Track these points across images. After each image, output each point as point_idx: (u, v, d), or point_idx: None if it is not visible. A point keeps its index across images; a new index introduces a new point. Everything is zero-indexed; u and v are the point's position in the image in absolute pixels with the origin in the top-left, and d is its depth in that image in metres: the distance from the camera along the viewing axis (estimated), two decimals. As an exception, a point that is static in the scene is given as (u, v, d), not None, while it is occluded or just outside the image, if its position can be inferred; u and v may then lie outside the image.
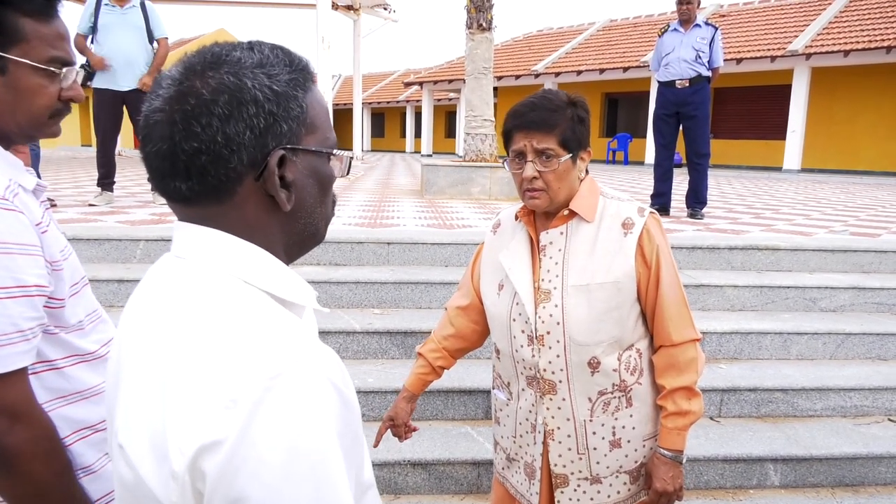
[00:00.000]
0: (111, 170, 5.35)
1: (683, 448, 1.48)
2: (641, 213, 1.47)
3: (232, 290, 0.64)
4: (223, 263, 0.66)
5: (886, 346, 3.47)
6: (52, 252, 1.03)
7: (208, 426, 0.55)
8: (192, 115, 0.62)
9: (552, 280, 1.47)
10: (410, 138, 30.40)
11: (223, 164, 0.64)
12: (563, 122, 1.41)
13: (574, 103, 1.45)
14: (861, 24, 15.21)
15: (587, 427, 1.49)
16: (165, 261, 0.71)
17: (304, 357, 0.59)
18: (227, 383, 0.56)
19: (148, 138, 0.65)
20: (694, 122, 5.55)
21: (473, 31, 7.27)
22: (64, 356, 1.09)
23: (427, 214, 5.39)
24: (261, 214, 0.68)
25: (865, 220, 5.98)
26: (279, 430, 0.56)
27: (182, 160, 0.63)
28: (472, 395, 2.93)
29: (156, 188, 0.68)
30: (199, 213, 0.67)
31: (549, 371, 1.48)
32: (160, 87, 0.66)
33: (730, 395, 3.05)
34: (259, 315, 0.63)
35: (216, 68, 0.64)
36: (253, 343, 0.59)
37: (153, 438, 0.59)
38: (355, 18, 15.39)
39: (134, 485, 0.61)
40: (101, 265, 3.62)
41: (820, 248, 4.20)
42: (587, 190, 1.49)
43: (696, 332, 1.49)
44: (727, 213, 6.35)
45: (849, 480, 2.78)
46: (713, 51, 5.46)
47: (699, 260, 4.09)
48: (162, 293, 0.66)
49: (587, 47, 20.81)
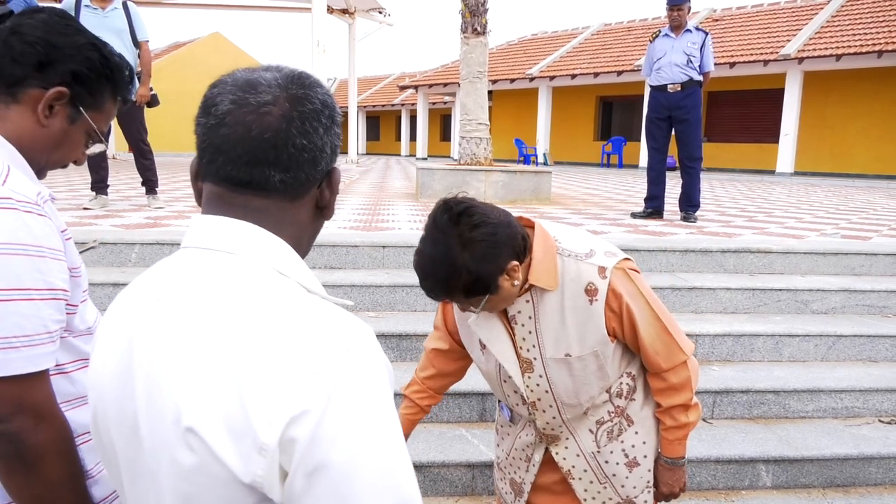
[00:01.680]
0: (104, 173, 5.33)
1: (684, 454, 1.54)
2: (602, 273, 1.37)
3: (278, 280, 0.70)
4: (263, 257, 0.71)
5: (877, 347, 3.50)
6: (72, 259, 1.07)
7: (296, 397, 0.60)
8: (308, 117, 0.73)
9: (530, 350, 1.44)
10: (406, 142, 30.43)
11: (315, 165, 0.75)
12: (457, 283, 1.27)
13: (466, 247, 1.25)
14: (853, 28, 15.32)
15: (598, 458, 1.53)
16: (192, 253, 0.73)
17: (362, 332, 0.68)
18: (307, 358, 0.62)
19: (248, 126, 0.70)
20: (686, 126, 5.59)
21: (468, 36, 7.30)
22: (72, 360, 1.12)
23: (422, 218, 5.40)
24: (310, 215, 0.79)
25: (857, 223, 6.02)
26: (357, 398, 0.62)
27: (290, 152, 0.72)
28: (466, 398, 2.94)
29: (234, 174, 0.72)
30: (264, 204, 0.73)
31: (549, 427, 1.53)
32: (260, 85, 0.72)
33: (722, 397, 3.07)
34: (310, 300, 0.70)
35: (318, 87, 0.76)
36: (321, 322, 0.66)
37: (229, 418, 0.61)
38: (350, 22, 15.42)
39: (202, 466, 0.63)
40: (95, 269, 3.62)
41: (811, 251, 4.24)
42: (542, 252, 1.37)
43: (685, 352, 1.45)
44: (720, 216, 6.39)
45: (840, 481, 2.81)
46: (704, 55, 5.52)
47: (692, 263, 4.12)
48: (212, 284, 0.69)
49: (582, 51, 20.88)
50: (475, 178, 6.89)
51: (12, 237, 0.93)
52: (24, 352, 0.94)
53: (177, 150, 20.54)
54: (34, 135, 1.10)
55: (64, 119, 1.12)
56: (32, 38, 1.07)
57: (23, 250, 0.94)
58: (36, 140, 1.10)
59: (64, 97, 1.10)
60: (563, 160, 21.35)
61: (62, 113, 1.11)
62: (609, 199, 8.07)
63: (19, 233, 0.94)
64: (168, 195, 6.62)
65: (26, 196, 0.98)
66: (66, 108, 1.11)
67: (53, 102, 1.09)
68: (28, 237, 0.95)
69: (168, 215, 4.99)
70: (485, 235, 1.27)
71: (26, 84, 1.07)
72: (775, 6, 18.62)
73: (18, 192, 0.97)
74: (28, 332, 0.94)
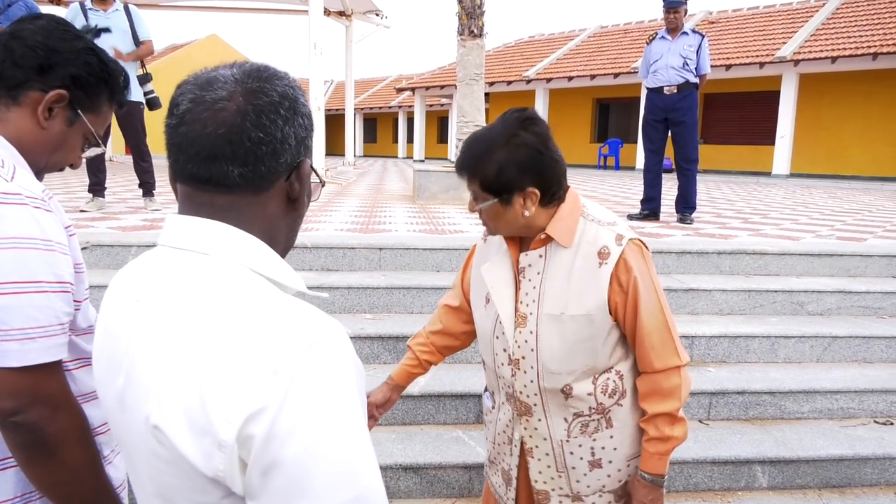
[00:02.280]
0: (102, 176, 5.34)
1: (664, 472, 1.46)
2: (619, 240, 1.39)
3: (247, 278, 0.72)
4: (235, 255, 0.73)
5: (872, 348, 3.52)
6: (76, 254, 1.11)
7: (254, 395, 0.61)
8: (263, 110, 0.73)
9: (529, 305, 1.44)
10: (403, 144, 30.44)
11: (276, 158, 0.75)
12: (485, 168, 1.34)
13: (512, 143, 1.33)
14: (848, 30, 15.39)
15: (564, 447, 1.49)
16: (167, 253, 0.76)
17: (327, 329, 0.68)
18: (267, 355, 0.63)
19: (204, 123, 0.72)
20: (682, 128, 5.62)
21: (465, 38, 7.32)
22: (73, 359, 1.15)
23: (419, 220, 5.41)
24: (279, 209, 0.79)
25: (852, 225, 6.05)
26: (315, 394, 0.63)
27: (246, 146, 0.72)
28: (463, 400, 2.95)
29: (195, 171, 0.74)
30: (229, 201, 0.75)
31: (525, 394, 1.49)
32: (217, 82, 0.73)
33: (718, 398, 3.08)
34: (278, 297, 0.71)
35: (277, 79, 0.76)
36: (284, 319, 0.67)
37: (190, 416, 0.63)
38: (347, 24, 15.43)
39: (172, 460, 0.66)
40: (92, 271, 3.62)
41: (807, 253, 4.25)
42: (567, 211, 1.42)
43: (680, 359, 1.43)
44: (716, 217, 6.41)
45: (835, 482, 2.82)
46: (700, 58, 5.55)
47: (688, 264, 4.13)
48: (182, 285, 0.71)
49: (578, 53, 20.93)
50: (472, 180, 6.89)
51: (25, 232, 0.97)
52: (39, 342, 0.97)
53: (173, 152, 20.55)
54: (34, 137, 1.13)
55: (63, 122, 1.15)
56: (33, 43, 1.10)
57: (34, 244, 0.98)
58: (36, 142, 1.13)
59: (63, 100, 1.13)
60: (560, 162, 21.34)
61: (61, 115, 1.14)
62: (606, 202, 8.08)
63: (31, 228, 0.98)
64: (165, 197, 6.61)
65: (34, 192, 1.02)
66: (64, 111, 1.15)
67: (53, 105, 1.12)
68: (39, 232, 0.99)
69: (164, 217, 4.99)
70: (531, 148, 1.34)
71: (27, 87, 1.10)
72: (771, 9, 18.70)
73: (27, 189, 1.01)
74: (42, 323, 0.98)
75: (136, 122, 5.26)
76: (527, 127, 1.36)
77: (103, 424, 1.24)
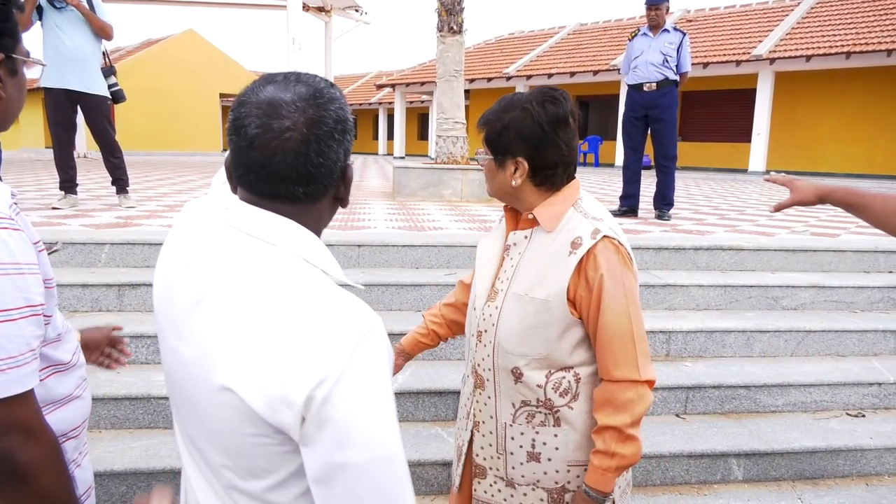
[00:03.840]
0: (72, 172, 5.22)
1: (609, 491, 1.39)
2: (594, 234, 1.37)
3: (307, 269, 0.86)
4: (296, 247, 0.87)
5: (844, 342, 3.58)
6: (45, 270, 1.06)
7: (320, 368, 0.77)
8: (324, 138, 0.85)
9: (504, 281, 1.48)
10: (383, 140, 30.32)
11: (331, 175, 0.89)
12: (495, 124, 1.44)
13: (524, 110, 1.40)
14: (822, 30, 15.63)
15: (507, 430, 1.49)
16: (236, 235, 0.87)
17: (376, 321, 0.83)
18: (332, 338, 0.79)
19: (273, 150, 0.83)
20: (661, 125, 5.65)
21: (444, 35, 7.30)
22: (43, 367, 1.12)
23: (398, 216, 5.39)
24: (328, 207, 0.93)
25: (826, 221, 6.15)
26: (365, 373, 0.79)
27: (310, 171, 0.85)
28: (442, 396, 2.94)
29: (264, 188, 0.86)
30: (291, 210, 0.88)
31: (482, 367, 1.51)
32: (281, 109, 0.83)
33: (695, 393, 3.11)
34: (335, 289, 0.85)
35: (332, 102, 0.87)
36: (344, 309, 0.82)
37: (264, 380, 0.78)
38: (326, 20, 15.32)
39: (235, 406, 0.80)
40: (63, 269, 3.55)
41: (782, 248, 4.31)
42: (561, 199, 1.44)
43: (639, 373, 1.36)
44: (693, 214, 6.48)
45: (809, 473, 2.86)
46: (681, 56, 5.57)
47: (665, 260, 4.17)
48: (257, 270, 0.84)
49: (558, 51, 21.01)
50: (452, 176, 6.89)
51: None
52: (10, 374, 0.93)
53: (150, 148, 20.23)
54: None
55: (9, 76, 1.09)
56: None
57: (3, 270, 0.93)
58: (1, 115, 1.10)
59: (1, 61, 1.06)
60: (541, 159, 21.43)
61: (6, 74, 1.08)
62: (585, 198, 8.12)
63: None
64: (140, 194, 6.52)
65: (0, 210, 0.96)
66: (6, 67, 1.08)
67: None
68: (7, 255, 0.94)
69: (139, 215, 4.91)
70: (535, 121, 1.39)
71: None
72: (747, 7, 18.92)
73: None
74: (13, 353, 0.94)
75: (103, 117, 5.13)
76: (544, 103, 1.40)
77: (75, 428, 1.21)
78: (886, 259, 4.39)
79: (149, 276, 3.46)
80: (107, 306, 3.33)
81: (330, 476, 0.79)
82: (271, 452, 0.83)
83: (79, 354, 1.26)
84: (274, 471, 0.85)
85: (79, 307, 3.31)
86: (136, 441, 2.63)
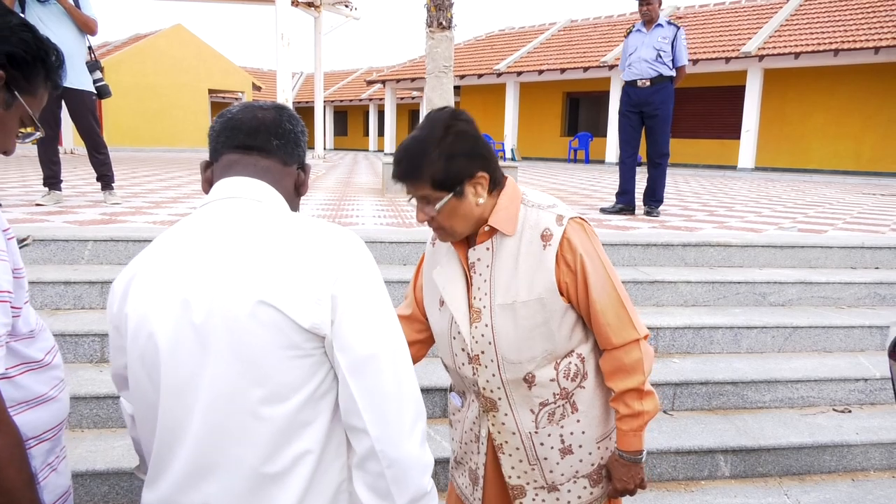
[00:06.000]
0: (56, 168, 5.14)
1: (642, 447, 1.47)
2: (560, 221, 1.41)
3: (294, 214, 1.11)
4: (277, 204, 1.12)
5: (831, 338, 3.59)
6: (15, 259, 1.05)
7: (336, 272, 1.02)
8: (291, 118, 1.22)
9: (482, 298, 1.44)
10: (374, 137, 30.25)
11: (297, 146, 1.22)
12: (430, 165, 1.33)
13: (451, 132, 1.34)
14: (810, 27, 15.72)
15: (534, 439, 1.49)
16: (229, 202, 1.08)
17: (354, 234, 1.10)
18: (338, 247, 1.05)
19: (254, 114, 1.16)
20: (655, 122, 5.63)
21: (433, 30, 7.27)
22: (15, 365, 1.09)
23: (387, 213, 5.37)
24: (292, 188, 1.22)
25: (813, 217, 6.18)
26: (364, 269, 1.06)
27: (282, 128, 1.17)
28: (429, 394, 2.93)
29: (247, 141, 1.14)
30: (268, 162, 1.15)
31: (489, 389, 1.48)
32: (260, 109, 1.18)
33: (682, 389, 3.11)
34: (321, 220, 1.11)
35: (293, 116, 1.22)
36: (334, 231, 1.08)
37: (293, 289, 0.98)
38: (316, 15, 15.24)
39: (271, 322, 0.98)
40: (46, 266, 3.50)
41: (769, 245, 4.32)
42: (507, 200, 1.43)
43: (638, 332, 1.44)
44: (682, 210, 6.49)
45: (795, 469, 2.87)
46: (676, 49, 5.51)
47: (654, 256, 4.17)
48: (259, 218, 1.06)
49: (548, 47, 21.00)
50: (441, 173, 6.85)
51: None
52: None
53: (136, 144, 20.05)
54: None
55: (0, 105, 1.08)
56: None
57: None
58: None
59: (0, 80, 1.05)
60: (531, 155, 21.46)
61: None
62: (576, 195, 8.13)
63: None
64: (126, 191, 6.45)
65: None
66: (1, 94, 1.07)
67: None
68: None
69: (125, 211, 4.86)
70: (469, 134, 1.37)
71: None
72: (737, 5, 19.00)
73: None
74: None
75: (88, 113, 5.06)
76: (457, 118, 1.38)
77: (49, 430, 1.19)
78: (873, 255, 4.41)
79: (133, 273, 3.42)
80: (90, 304, 3.29)
81: (359, 367, 1.01)
82: (301, 365, 1.00)
83: (54, 354, 1.23)
84: (302, 386, 1.01)
85: (61, 305, 3.26)
86: (118, 440, 2.60)
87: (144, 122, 21.07)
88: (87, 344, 2.98)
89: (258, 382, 0.98)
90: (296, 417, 1.01)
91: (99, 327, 3.01)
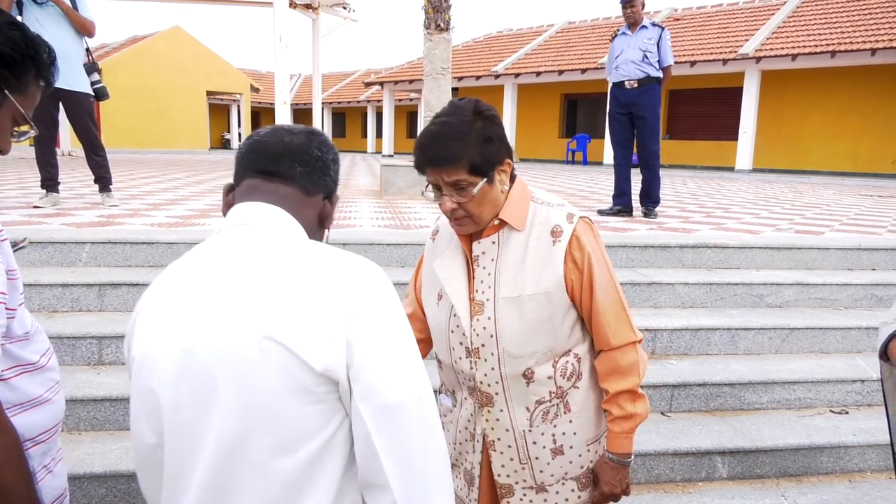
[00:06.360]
0: (54, 170, 5.14)
1: (631, 451, 1.48)
2: (570, 219, 1.43)
3: (311, 243, 1.03)
4: (292, 231, 1.03)
5: (828, 340, 3.60)
6: (9, 260, 1.05)
7: (352, 309, 0.93)
8: (322, 145, 1.12)
9: (485, 291, 1.44)
10: (372, 138, 30.25)
11: (324, 174, 1.12)
12: (467, 149, 1.32)
13: (481, 117, 1.35)
14: (808, 28, 15.75)
15: (527, 437, 1.49)
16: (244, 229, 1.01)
17: (377, 269, 1.02)
18: (356, 282, 0.96)
19: (281, 139, 1.09)
20: (643, 122, 5.66)
21: (431, 32, 7.27)
22: (10, 367, 1.09)
23: (385, 215, 5.37)
24: (315, 219, 1.13)
25: (810, 219, 6.19)
26: (384, 305, 0.97)
27: (309, 155, 1.09)
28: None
29: (269, 166, 1.06)
30: (289, 189, 1.07)
31: (486, 384, 1.48)
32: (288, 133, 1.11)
33: (680, 391, 3.12)
34: (340, 251, 1.02)
35: (325, 141, 1.14)
36: (352, 264, 0.99)
37: (306, 326, 0.90)
38: (314, 17, 15.23)
39: (280, 363, 0.89)
40: (43, 269, 3.50)
41: (767, 246, 4.33)
42: (517, 196, 1.44)
43: (635, 334, 1.46)
44: (680, 211, 6.50)
45: (792, 471, 2.87)
46: (661, 50, 5.57)
47: (651, 258, 4.17)
48: (272, 248, 0.98)
49: (546, 49, 21.02)
50: (439, 174, 6.85)
51: None
52: None
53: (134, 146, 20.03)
54: None
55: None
56: None
57: None
58: None
59: None
60: (529, 157, 21.48)
61: None
62: (574, 196, 8.14)
63: None
64: (124, 192, 6.45)
65: None
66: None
67: None
68: None
69: (122, 213, 4.85)
70: (498, 120, 1.39)
71: None
72: (734, 6, 19.03)
73: None
74: None
75: (86, 114, 5.05)
76: (481, 107, 1.38)
77: (45, 432, 1.19)
78: (870, 256, 4.42)
79: (130, 275, 3.42)
80: (87, 306, 3.28)
81: (383, 417, 0.92)
82: (313, 412, 0.91)
83: (49, 357, 1.23)
84: (313, 434, 0.92)
85: (58, 307, 3.26)
86: (116, 443, 2.59)
87: (142, 124, 21.05)
88: (84, 346, 2.98)
89: (267, 429, 0.90)
90: (307, 471, 0.92)
91: (96, 329, 3.01)
